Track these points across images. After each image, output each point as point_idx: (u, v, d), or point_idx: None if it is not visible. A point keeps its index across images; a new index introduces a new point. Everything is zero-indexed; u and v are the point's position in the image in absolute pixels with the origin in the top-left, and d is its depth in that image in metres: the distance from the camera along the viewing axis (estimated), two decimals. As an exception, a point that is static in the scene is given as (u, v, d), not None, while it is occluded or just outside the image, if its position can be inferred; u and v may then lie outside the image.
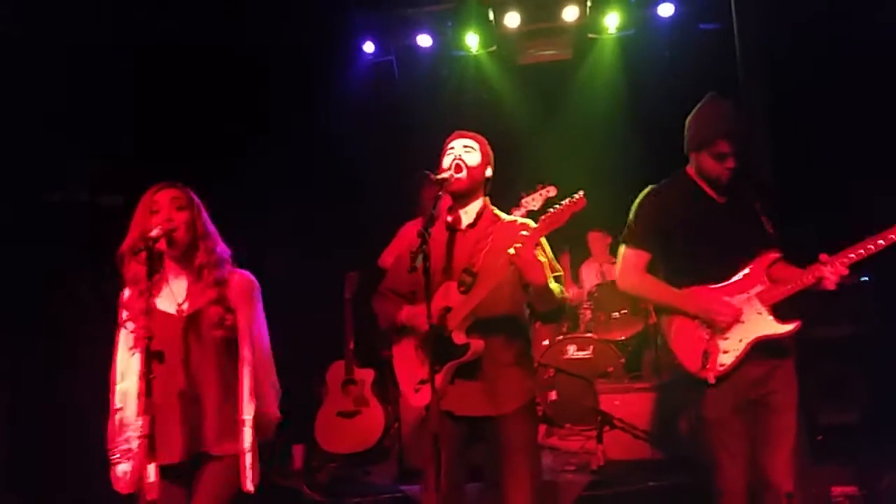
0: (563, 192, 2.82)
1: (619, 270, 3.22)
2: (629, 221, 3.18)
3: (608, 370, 5.74)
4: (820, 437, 4.45)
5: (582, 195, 2.66)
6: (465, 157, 3.03)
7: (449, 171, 2.99)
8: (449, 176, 2.96)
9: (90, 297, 2.78)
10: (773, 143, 4.64)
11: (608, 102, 7.12)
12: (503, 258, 2.76)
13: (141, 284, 2.67)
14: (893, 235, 2.82)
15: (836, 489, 4.07)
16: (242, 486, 2.72)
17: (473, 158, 3.04)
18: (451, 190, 3.01)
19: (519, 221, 2.99)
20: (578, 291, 6.75)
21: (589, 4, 6.57)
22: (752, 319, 2.95)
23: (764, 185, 3.24)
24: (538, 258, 2.77)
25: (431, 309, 2.68)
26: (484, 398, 2.91)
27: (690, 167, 3.13)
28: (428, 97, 7.31)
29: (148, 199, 2.79)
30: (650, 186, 3.19)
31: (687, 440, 4.30)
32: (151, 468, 2.50)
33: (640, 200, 3.17)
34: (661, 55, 6.78)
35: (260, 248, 2.95)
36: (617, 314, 6.23)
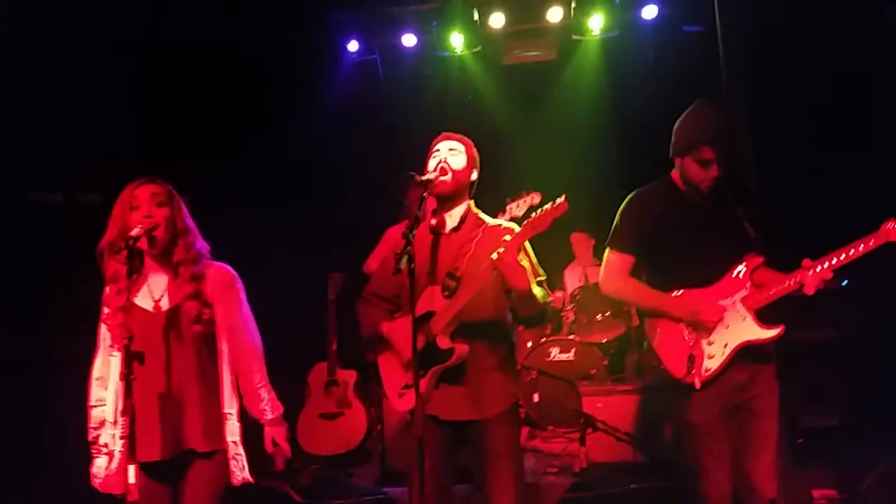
0: (546, 193, 2.81)
1: (602, 274, 3.21)
2: (613, 225, 3.18)
3: (591, 372, 5.75)
4: (800, 440, 4.49)
5: (564, 200, 2.64)
6: (450, 160, 3.00)
7: (434, 173, 2.96)
8: (434, 178, 2.93)
9: (89, 296, 2.76)
10: (756, 145, 4.66)
11: (592, 103, 7.16)
12: (486, 263, 2.74)
13: (120, 283, 2.65)
14: (875, 240, 2.83)
15: (816, 492, 4.10)
16: (231, 479, 2.70)
17: (459, 162, 3.01)
18: (435, 193, 2.98)
19: (503, 226, 2.97)
20: (561, 294, 6.76)
21: (573, 6, 6.61)
22: (736, 324, 2.96)
23: (747, 189, 3.23)
24: (521, 263, 2.75)
25: (414, 313, 2.66)
26: (467, 402, 2.90)
27: (675, 172, 3.13)
28: (412, 97, 7.31)
29: (127, 194, 2.76)
30: (635, 191, 3.19)
31: (669, 443, 4.32)
32: (132, 469, 2.48)
33: (624, 205, 3.17)
34: (644, 57, 6.82)
35: (242, 247, 2.92)
36: (600, 317, 6.24)
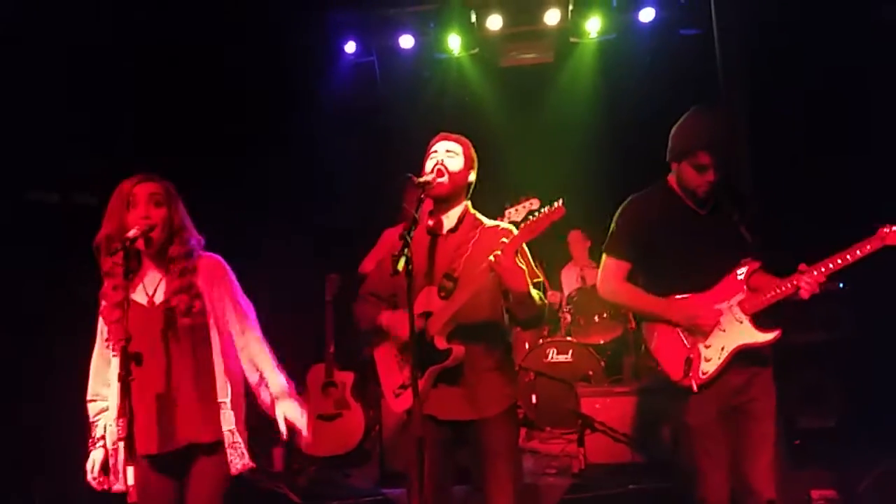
0: (543, 194, 2.83)
1: (599, 279, 3.23)
2: (610, 230, 3.19)
3: (588, 374, 5.77)
4: (797, 441, 4.50)
5: (561, 204, 2.65)
6: (447, 161, 2.99)
7: (431, 175, 2.95)
8: (431, 179, 2.93)
9: (88, 296, 2.76)
10: (753, 149, 4.67)
11: (589, 105, 7.18)
12: (484, 264, 2.75)
13: (117, 279, 2.64)
14: (871, 245, 2.85)
15: (815, 493, 4.11)
16: (230, 469, 2.69)
17: (456, 163, 3.00)
18: (432, 194, 2.97)
19: (500, 227, 2.98)
20: (558, 295, 6.77)
21: (571, 8, 6.63)
22: (732, 328, 2.97)
23: (744, 194, 3.24)
24: (518, 265, 2.75)
25: (412, 314, 2.67)
26: (465, 403, 2.90)
27: (671, 177, 3.13)
28: (409, 98, 7.32)
29: (126, 190, 2.73)
30: (631, 196, 3.20)
31: (667, 444, 4.33)
32: (130, 471, 2.47)
33: (620, 210, 3.18)
34: (641, 60, 6.83)
35: (240, 248, 2.92)
36: (597, 318, 6.27)
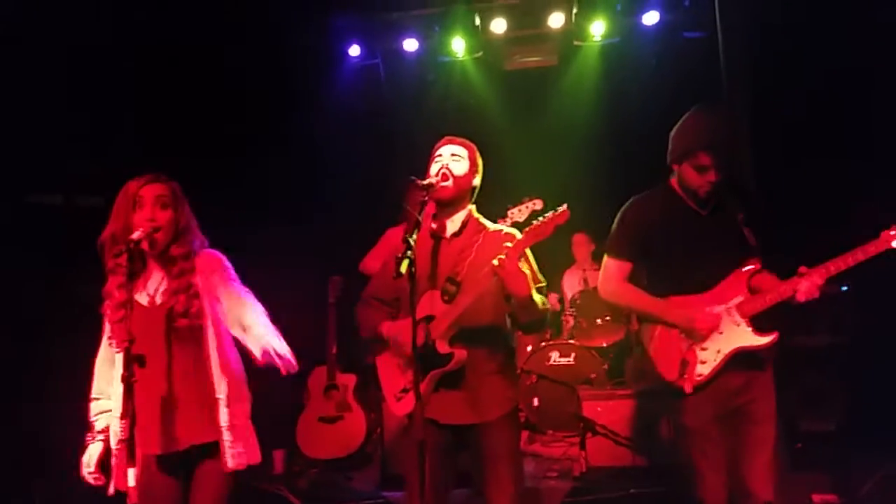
0: (546, 198, 2.82)
1: (601, 279, 3.24)
2: (612, 231, 3.20)
3: (591, 377, 5.76)
4: (799, 444, 4.50)
5: (566, 208, 2.65)
6: (452, 165, 2.99)
7: (435, 178, 2.95)
8: (435, 182, 2.93)
9: (89, 297, 2.78)
10: (756, 151, 4.67)
11: (593, 109, 7.18)
12: (487, 268, 2.75)
13: (120, 277, 2.64)
14: (874, 249, 2.85)
15: (816, 496, 4.11)
16: (223, 466, 2.67)
17: (461, 167, 3.01)
18: (436, 198, 2.98)
19: (504, 231, 2.98)
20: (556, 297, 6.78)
21: (575, 12, 6.63)
22: (730, 331, 2.97)
23: (747, 195, 3.23)
24: (521, 269, 2.75)
25: (415, 316, 2.67)
26: (467, 406, 2.90)
27: (674, 179, 3.13)
28: (414, 102, 7.34)
29: (132, 191, 2.73)
30: (633, 198, 3.20)
31: (669, 447, 4.32)
32: (131, 472, 2.47)
33: (622, 211, 3.19)
34: (645, 63, 6.84)
35: (242, 250, 2.93)
36: (600, 321, 6.26)
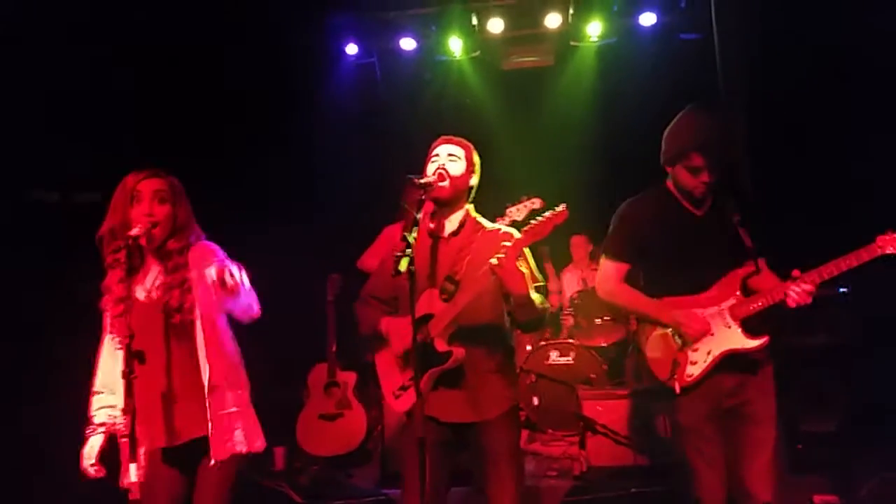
0: (544, 198, 2.82)
1: (598, 280, 3.27)
2: (608, 233, 3.21)
3: (591, 376, 5.77)
4: (799, 445, 4.50)
5: (564, 207, 2.66)
6: (448, 165, 2.99)
7: (432, 177, 2.95)
8: (432, 181, 2.93)
9: (88, 295, 2.78)
10: (753, 153, 4.68)
11: (589, 109, 7.22)
12: (485, 267, 2.75)
13: (119, 272, 2.65)
14: (868, 254, 2.83)
15: (816, 498, 4.10)
16: (211, 455, 2.66)
17: (457, 168, 3.01)
18: (433, 198, 2.99)
19: (502, 231, 2.98)
20: (558, 297, 6.79)
21: (571, 12, 6.66)
22: (721, 333, 2.98)
23: (744, 196, 3.22)
24: (520, 269, 2.76)
25: (414, 313, 2.68)
26: (466, 405, 2.91)
27: (669, 180, 3.14)
28: (410, 101, 7.35)
29: (131, 184, 2.74)
30: (629, 199, 3.21)
31: (668, 446, 4.33)
32: (133, 468, 2.48)
33: (618, 212, 3.20)
34: (642, 64, 6.84)
35: (241, 248, 2.94)
36: (599, 320, 6.28)
